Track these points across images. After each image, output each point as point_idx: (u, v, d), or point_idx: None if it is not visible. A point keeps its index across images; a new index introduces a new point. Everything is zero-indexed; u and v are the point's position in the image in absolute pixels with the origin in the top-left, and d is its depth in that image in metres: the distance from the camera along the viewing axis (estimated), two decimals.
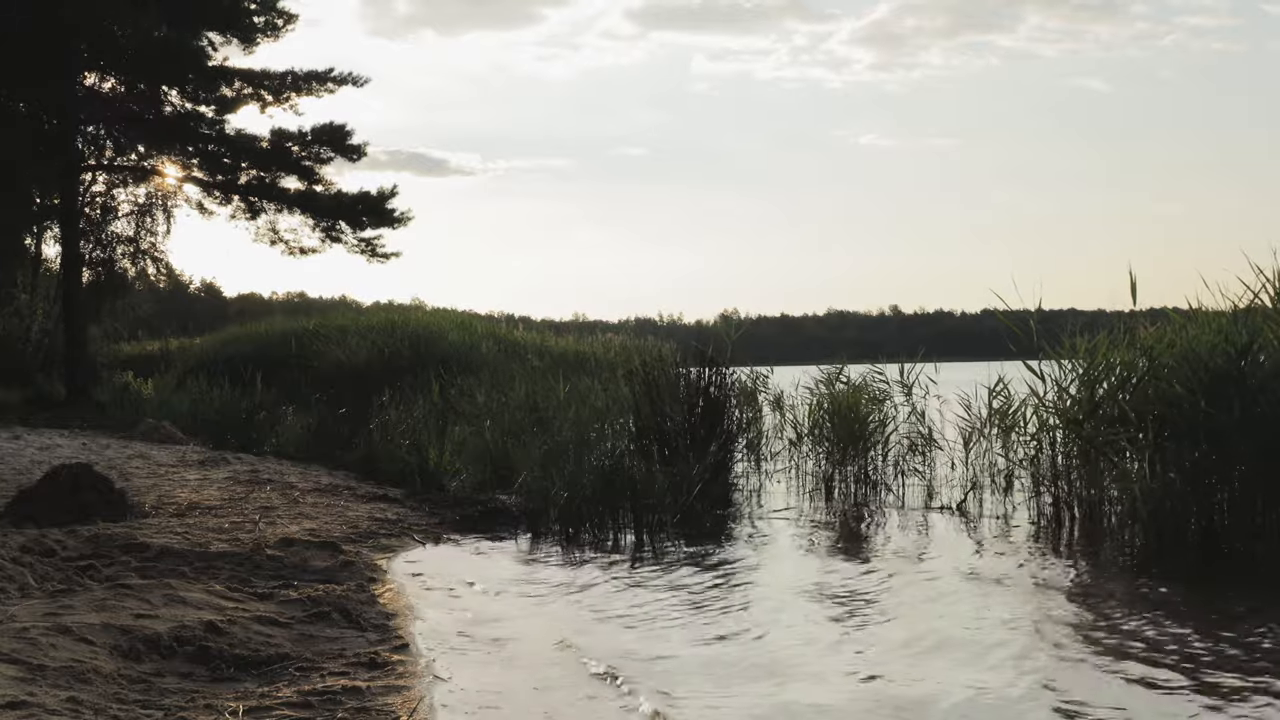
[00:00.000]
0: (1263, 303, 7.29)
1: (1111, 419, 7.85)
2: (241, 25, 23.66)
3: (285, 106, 24.20)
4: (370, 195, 24.55)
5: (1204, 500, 6.95)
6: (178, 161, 24.82)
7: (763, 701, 4.25)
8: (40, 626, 4.52)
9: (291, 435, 14.43)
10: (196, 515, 8.24)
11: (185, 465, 11.81)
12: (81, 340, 23.43)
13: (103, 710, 3.70)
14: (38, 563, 5.91)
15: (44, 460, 11.38)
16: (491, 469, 10.38)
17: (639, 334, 20.45)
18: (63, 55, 21.47)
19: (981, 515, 8.98)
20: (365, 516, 8.57)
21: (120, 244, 25.36)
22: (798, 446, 11.96)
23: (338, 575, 6.32)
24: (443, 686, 4.29)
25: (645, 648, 5.05)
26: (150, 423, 16.10)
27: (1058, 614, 5.65)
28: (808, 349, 45.57)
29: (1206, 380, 6.97)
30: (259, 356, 20.22)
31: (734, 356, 10.58)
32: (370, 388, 15.71)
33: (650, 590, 6.35)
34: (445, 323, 21.46)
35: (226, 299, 57.15)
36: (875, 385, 11.32)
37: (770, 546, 7.86)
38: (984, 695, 4.30)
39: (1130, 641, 5.05)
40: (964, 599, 6.04)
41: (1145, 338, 7.82)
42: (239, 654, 4.49)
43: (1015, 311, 8.78)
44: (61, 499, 7.77)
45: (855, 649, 5.02)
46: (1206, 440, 6.90)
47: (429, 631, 5.24)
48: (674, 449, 9.67)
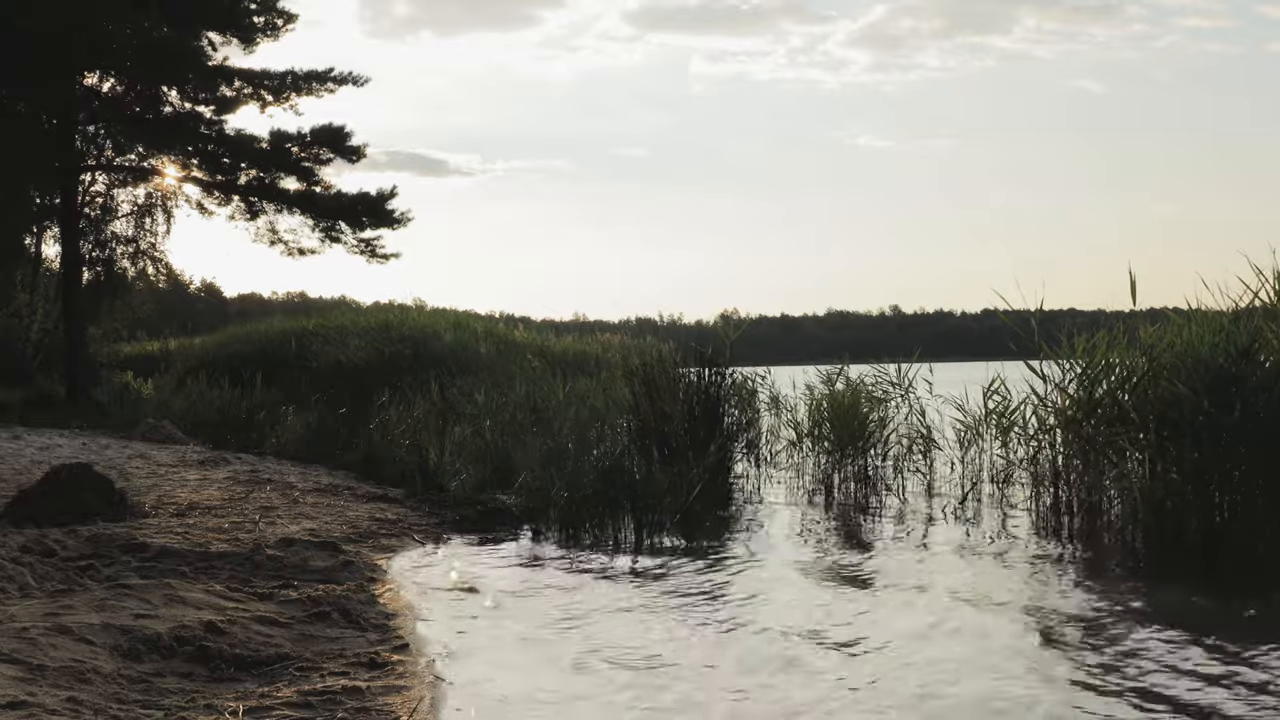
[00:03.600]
0: (1263, 302, 7.28)
1: (1111, 419, 7.85)
2: (241, 25, 23.64)
3: (285, 107, 24.18)
4: (370, 196, 24.54)
5: (1204, 500, 6.94)
6: (178, 161, 24.79)
7: (763, 701, 4.25)
8: (40, 626, 4.52)
9: (291, 435, 14.43)
10: (196, 515, 8.24)
11: (185, 465, 11.80)
12: (81, 340, 23.42)
13: (103, 710, 3.70)
14: (38, 563, 5.91)
15: (44, 460, 11.38)
16: (491, 469, 10.37)
17: (639, 334, 20.42)
18: (63, 55, 21.46)
19: (981, 515, 8.98)
20: (365, 516, 8.57)
21: (120, 244, 25.35)
22: (798, 446, 11.96)
23: (338, 575, 6.32)
24: (443, 687, 4.29)
25: (645, 647, 5.05)
26: (150, 423, 16.10)
27: (1058, 615, 5.65)
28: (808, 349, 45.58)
29: (1208, 380, 6.96)
30: (259, 356, 20.21)
31: (734, 356, 10.58)
32: (370, 388, 15.70)
33: (650, 590, 6.35)
34: (444, 323, 21.44)
35: (226, 299, 57.20)
36: (876, 385, 11.30)
37: (770, 547, 7.86)
38: (984, 694, 4.29)
39: (1131, 642, 5.05)
40: (963, 599, 6.04)
41: (1145, 338, 7.82)
42: (239, 654, 4.49)
43: (1016, 311, 8.79)
44: (61, 499, 7.77)
45: (855, 648, 5.02)
46: (1208, 440, 6.90)
47: (429, 631, 5.24)
48: (674, 449, 9.67)
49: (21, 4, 20.11)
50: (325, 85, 24.16)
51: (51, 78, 21.59)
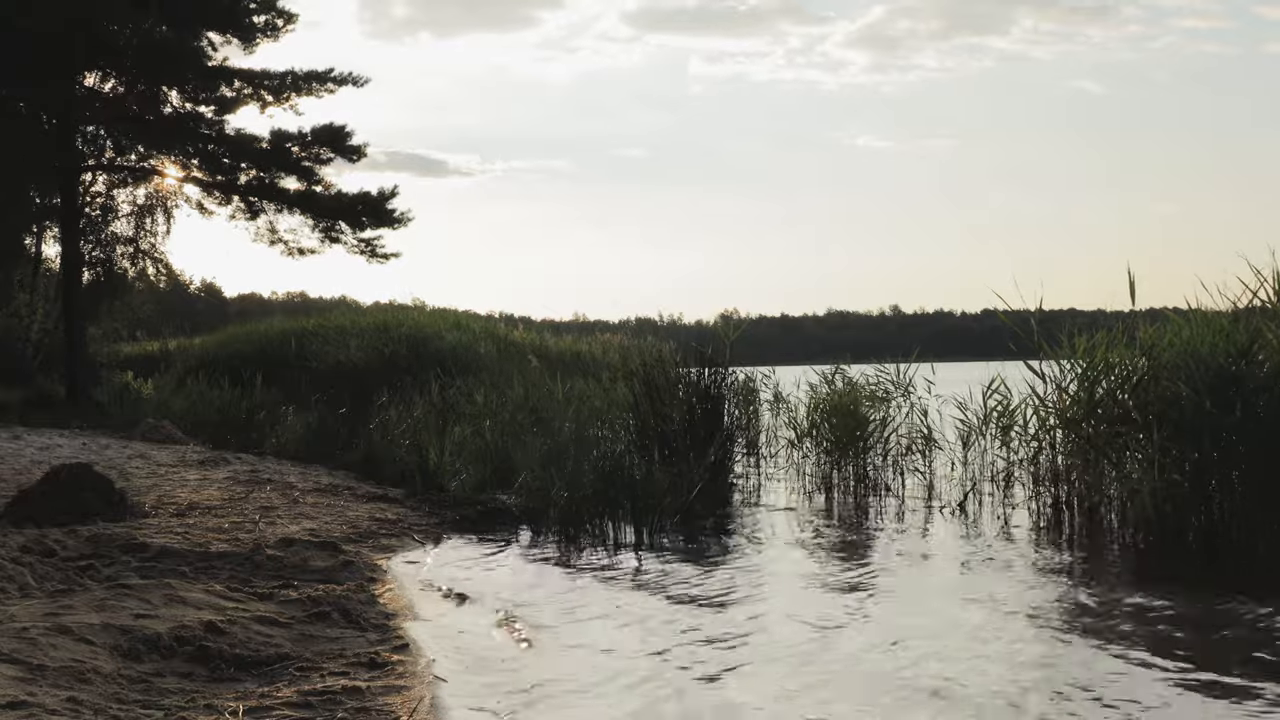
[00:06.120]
0: (1262, 302, 7.29)
1: (1111, 419, 7.85)
2: (241, 25, 23.64)
3: (285, 107, 24.18)
4: (370, 196, 24.53)
5: (1205, 500, 6.94)
6: (178, 161, 24.80)
7: (764, 701, 4.25)
8: (40, 626, 4.52)
9: (291, 435, 14.43)
10: (196, 515, 8.24)
11: (185, 465, 11.81)
12: (81, 340, 23.42)
13: (103, 710, 3.70)
14: (38, 563, 5.91)
15: (44, 460, 11.38)
16: (491, 469, 10.37)
17: (639, 334, 20.41)
18: (63, 55, 21.45)
19: (981, 515, 8.98)
20: (365, 516, 8.57)
21: (120, 244, 25.37)
22: (798, 446, 11.96)
23: (338, 575, 6.32)
24: (443, 687, 4.29)
25: (645, 647, 5.05)
26: (150, 423, 16.10)
27: (1058, 614, 5.65)
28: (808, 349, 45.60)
29: (1208, 380, 6.96)
30: (259, 356, 20.22)
31: (734, 356, 10.58)
32: (370, 388, 15.71)
33: (650, 590, 6.35)
34: (444, 323, 21.44)
35: (226, 299, 57.27)
36: (876, 385, 11.30)
37: (770, 547, 7.86)
38: (985, 694, 4.29)
39: (1131, 642, 5.05)
40: (963, 598, 6.04)
41: (1145, 338, 7.82)
42: (239, 654, 4.49)
43: (1016, 311, 8.79)
44: (61, 499, 7.77)
45: (855, 648, 5.02)
46: (1208, 440, 6.90)
47: (429, 631, 5.24)
48: (674, 449, 9.67)
49: (21, 4, 20.11)
50: (325, 85, 24.16)
51: (51, 78, 21.59)
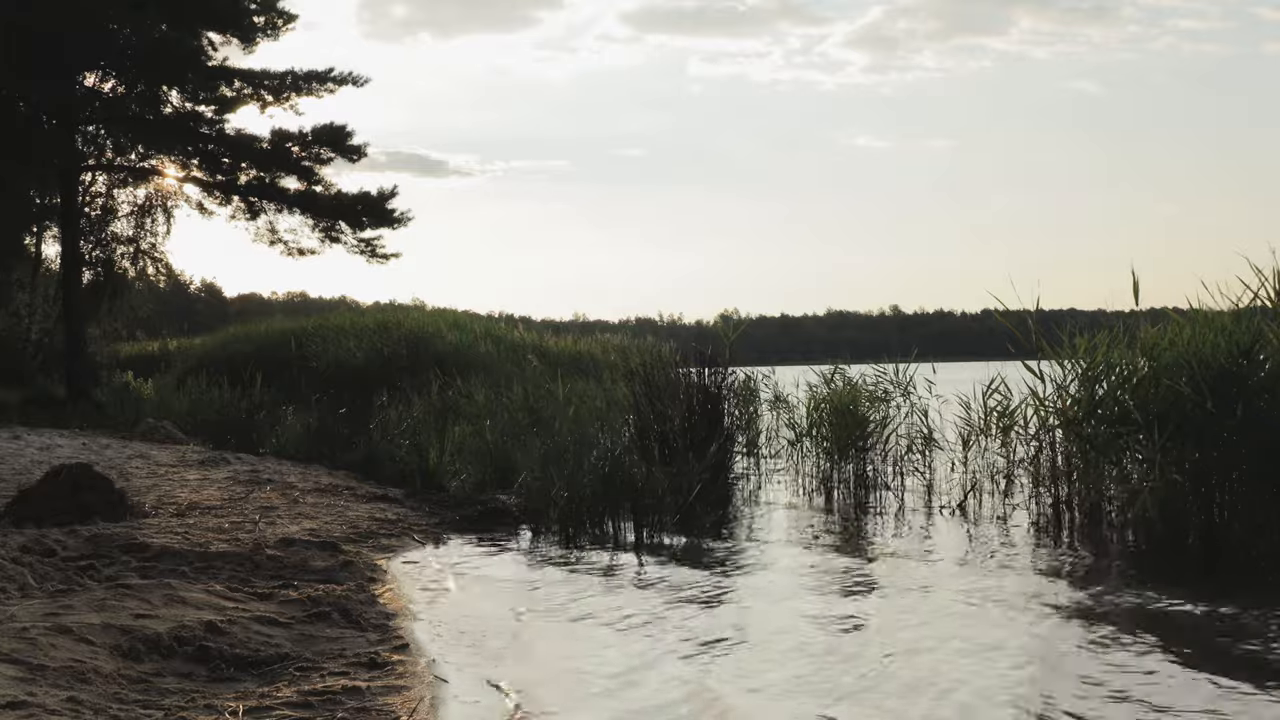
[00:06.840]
0: (1263, 302, 7.29)
1: (1111, 419, 7.85)
2: (241, 25, 23.66)
3: (285, 106, 24.21)
4: (370, 196, 24.56)
5: (1205, 500, 6.94)
6: (178, 161, 24.82)
7: (765, 700, 4.25)
8: (40, 626, 4.52)
9: (291, 435, 14.43)
10: (196, 515, 8.24)
11: (185, 465, 11.81)
12: (81, 340, 23.43)
13: (103, 710, 3.69)
14: (38, 563, 5.91)
15: (44, 460, 11.38)
16: (491, 469, 10.37)
17: (639, 334, 20.45)
18: (63, 55, 21.46)
19: (981, 515, 8.97)
20: (365, 516, 8.57)
21: (120, 244, 25.40)
22: (797, 446, 11.95)
23: (338, 575, 6.32)
24: (443, 687, 4.29)
25: (645, 648, 5.05)
26: (150, 423, 16.11)
27: (1058, 614, 5.64)
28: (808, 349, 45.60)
29: (1210, 380, 6.96)
30: (259, 356, 20.23)
31: (734, 356, 10.58)
32: (370, 387, 15.74)
33: (650, 590, 6.35)
34: (444, 323, 21.46)
35: (226, 299, 57.35)
36: (876, 385, 11.29)
37: (770, 546, 7.86)
38: (985, 693, 4.29)
39: (1131, 642, 5.05)
40: (963, 598, 6.03)
41: (1146, 338, 7.82)
42: (239, 654, 4.48)
43: (1015, 312, 8.78)
44: (61, 499, 7.76)
45: (855, 648, 5.02)
46: (1209, 440, 6.90)
47: (429, 631, 5.24)
48: (674, 449, 9.67)
49: (21, 3, 20.12)
50: (325, 85, 24.19)
51: (51, 78, 21.59)
